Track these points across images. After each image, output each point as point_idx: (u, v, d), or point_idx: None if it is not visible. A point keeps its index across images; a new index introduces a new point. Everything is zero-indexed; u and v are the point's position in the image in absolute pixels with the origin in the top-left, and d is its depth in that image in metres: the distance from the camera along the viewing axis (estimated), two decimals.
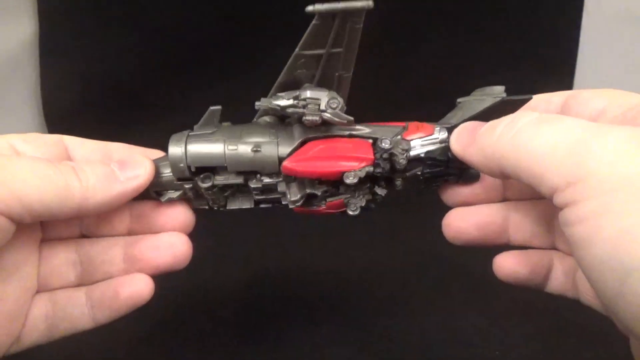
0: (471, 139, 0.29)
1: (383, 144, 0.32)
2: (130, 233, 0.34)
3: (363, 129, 0.34)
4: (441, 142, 0.33)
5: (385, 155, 0.32)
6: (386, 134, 0.33)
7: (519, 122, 0.26)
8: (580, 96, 0.30)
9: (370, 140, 0.33)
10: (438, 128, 0.33)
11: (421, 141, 0.33)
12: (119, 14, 0.56)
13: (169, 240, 0.32)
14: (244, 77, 0.58)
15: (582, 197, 0.23)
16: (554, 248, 0.32)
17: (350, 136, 0.34)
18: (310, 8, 0.27)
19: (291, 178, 0.34)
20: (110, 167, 0.30)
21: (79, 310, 0.32)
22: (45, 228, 0.33)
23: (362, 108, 0.52)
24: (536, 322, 0.48)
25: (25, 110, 0.59)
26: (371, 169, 0.32)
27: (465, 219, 0.32)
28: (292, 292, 0.51)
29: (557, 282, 0.32)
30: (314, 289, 0.49)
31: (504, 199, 0.33)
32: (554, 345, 0.46)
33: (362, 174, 0.32)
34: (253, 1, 0.55)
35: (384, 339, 0.48)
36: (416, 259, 0.55)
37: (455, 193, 0.34)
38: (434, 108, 0.59)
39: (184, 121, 0.41)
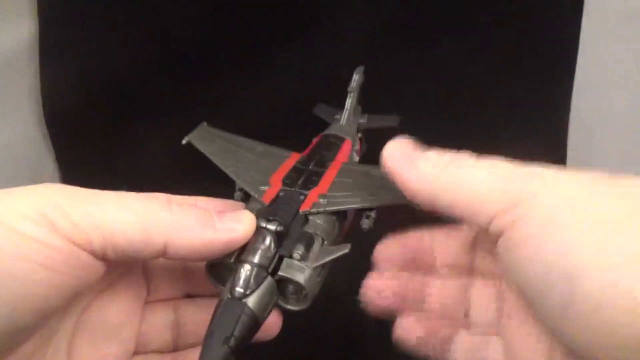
0: (409, 162, 0.28)
1: None
2: None
3: None
4: None
5: None
6: None
7: (463, 160, 0.27)
8: None
9: None
10: None
11: None
12: (119, 14, 0.56)
13: None
14: (245, 77, 0.58)
15: (523, 217, 0.23)
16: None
17: None
18: None
19: None
20: (209, 212, 0.27)
21: None
22: (152, 288, 0.32)
23: (363, 109, 0.52)
24: None
25: (25, 110, 0.59)
26: None
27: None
28: None
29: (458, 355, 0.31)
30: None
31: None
32: None
33: None
34: (253, 1, 0.55)
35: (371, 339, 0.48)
36: None
37: None
38: (432, 109, 0.59)
39: (186, 121, 0.42)
